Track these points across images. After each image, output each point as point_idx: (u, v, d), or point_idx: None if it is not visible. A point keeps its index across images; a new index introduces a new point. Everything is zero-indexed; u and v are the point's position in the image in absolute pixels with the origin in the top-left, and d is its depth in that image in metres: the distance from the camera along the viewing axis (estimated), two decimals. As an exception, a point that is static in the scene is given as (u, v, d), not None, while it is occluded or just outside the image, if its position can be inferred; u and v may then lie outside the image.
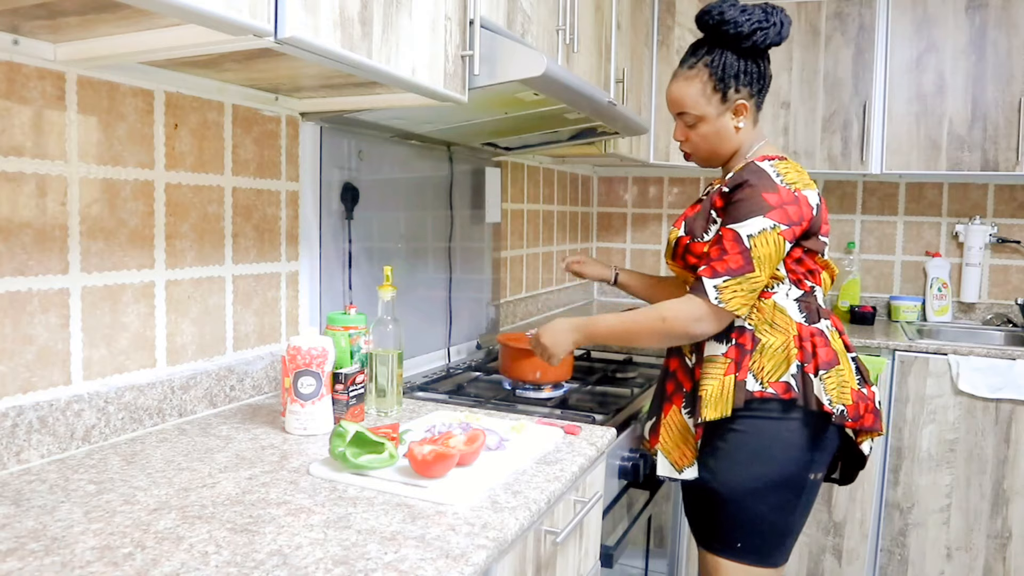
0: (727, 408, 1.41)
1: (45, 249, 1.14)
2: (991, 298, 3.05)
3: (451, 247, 2.17)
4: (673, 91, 1.51)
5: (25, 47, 1.08)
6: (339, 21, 1.05)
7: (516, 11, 1.61)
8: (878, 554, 2.63)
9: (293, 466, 1.16)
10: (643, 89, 2.74)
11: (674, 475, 1.50)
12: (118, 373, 1.27)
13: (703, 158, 1.55)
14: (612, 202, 3.59)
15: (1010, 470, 2.47)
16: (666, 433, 1.51)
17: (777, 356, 1.42)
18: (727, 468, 1.45)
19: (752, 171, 1.41)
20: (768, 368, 1.42)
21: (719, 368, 1.43)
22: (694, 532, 1.59)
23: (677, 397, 1.51)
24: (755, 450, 1.43)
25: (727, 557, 1.48)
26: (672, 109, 1.53)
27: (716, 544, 1.50)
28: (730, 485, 1.45)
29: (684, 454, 1.48)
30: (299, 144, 1.62)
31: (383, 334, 1.49)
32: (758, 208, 1.37)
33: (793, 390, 1.41)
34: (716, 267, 1.38)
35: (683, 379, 1.52)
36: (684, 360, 1.52)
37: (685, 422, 1.49)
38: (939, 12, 2.71)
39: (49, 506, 0.98)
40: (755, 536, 1.46)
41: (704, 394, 1.42)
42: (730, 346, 1.43)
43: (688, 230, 1.50)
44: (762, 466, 1.44)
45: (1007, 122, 2.64)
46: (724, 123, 1.49)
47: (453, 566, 0.85)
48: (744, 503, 1.45)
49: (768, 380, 1.41)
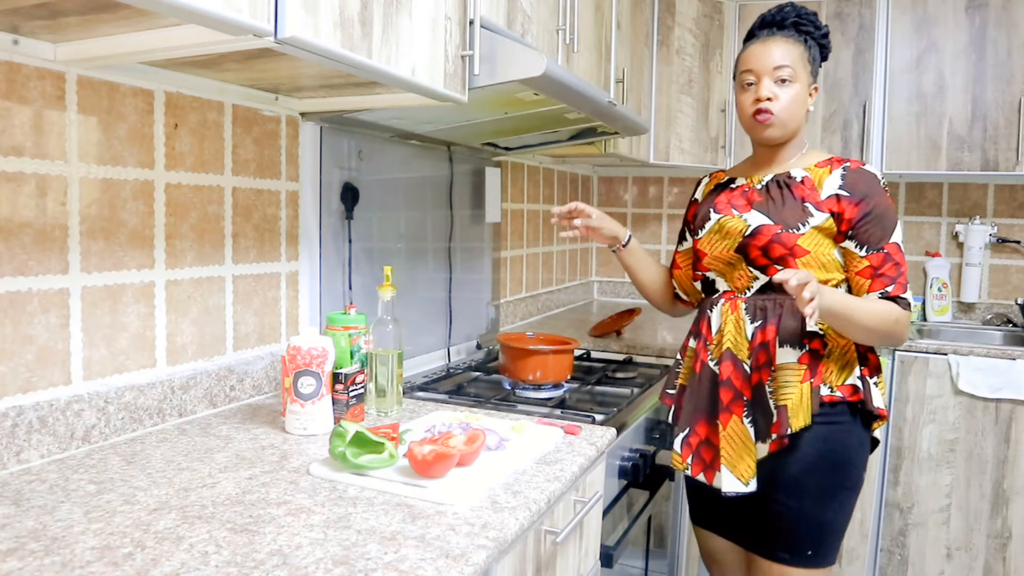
0: (808, 416, 1.39)
1: (45, 249, 1.14)
2: (991, 298, 3.05)
3: (451, 247, 2.17)
4: (775, 49, 1.47)
5: (25, 47, 1.08)
6: (339, 21, 1.05)
7: (516, 11, 1.61)
8: (878, 554, 2.63)
9: (293, 466, 1.16)
10: (643, 89, 2.74)
11: (742, 489, 1.42)
12: (118, 373, 1.27)
13: (782, 121, 1.47)
14: (612, 202, 3.59)
15: (1010, 470, 2.47)
16: (728, 445, 1.43)
17: (841, 360, 1.44)
18: (802, 477, 1.43)
19: (870, 177, 1.44)
20: (835, 372, 1.43)
21: (795, 375, 1.40)
22: (750, 543, 1.54)
23: (737, 406, 1.44)
24: (829, 456, 1.43)
25: (796, 565, 1.45)
26: (768, 64, 1.46)
27: (783, 554, 1.46)
28: (805, 494, 1.43)
29: (748, 466, 1.42)
30: (299, 144, 1.62)
31: (383, 334, 1.49)
32: (894, 217, 1.44)
33: (860, 392, 1.43)
34: (902, 282, 1.42)
35: (742, 387, 1.44)
36: (741, 366, 1.45)
37: (747, 431, 1.42)
38: (939, 12, 2.71)
39: (49, 506, 0.98)
40: (825, 541, 1.45)
41: (789, 403, 1.39)
42: (803, 352, 1.42)
43: (779, 220, 1.44)
44: (836, 473, 1.44)
45: (1007, 122, 2.64)
46: (805, 96, 1.50)
47: (453, 566, 0.85)
48: (817, 511, 1.44)
49: (835, 384, 1.42)
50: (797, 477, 1.43)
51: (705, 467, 1.49)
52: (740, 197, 1.53)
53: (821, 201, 1.44)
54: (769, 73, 1.46)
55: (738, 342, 1.47)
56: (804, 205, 1.44)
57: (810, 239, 1.43)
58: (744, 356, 1.46)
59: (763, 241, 1.44)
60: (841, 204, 1.42)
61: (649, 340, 2.43)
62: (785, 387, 1.41)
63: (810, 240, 1.43)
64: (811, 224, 1.43)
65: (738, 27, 2.96)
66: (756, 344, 1.45)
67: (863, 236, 1.42)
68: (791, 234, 1.42)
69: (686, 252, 1.67)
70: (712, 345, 1.51)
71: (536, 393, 1.73)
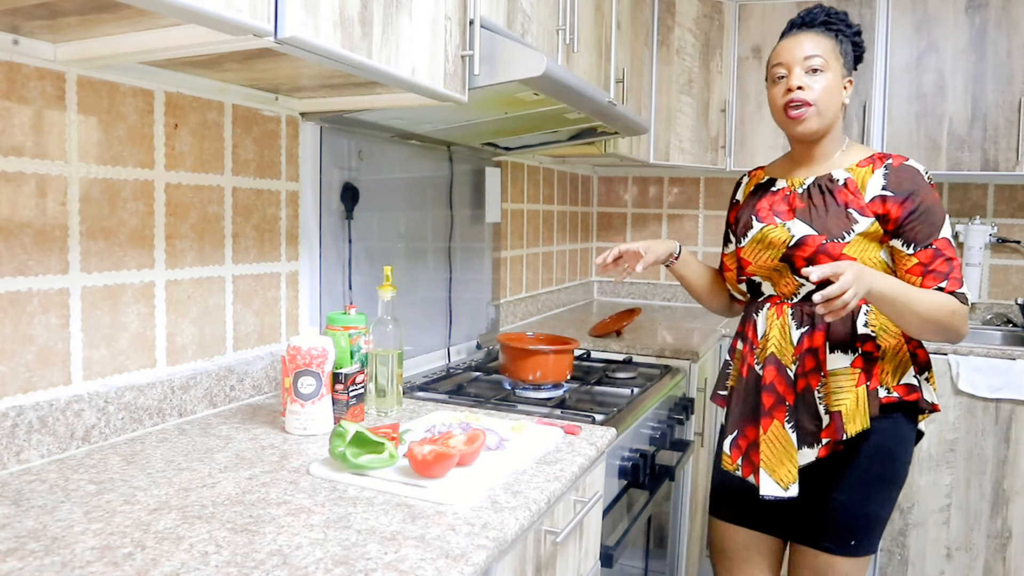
0: (866, 420, 1.40)
1: (45, 249, 1.14)
2: (991, 298, 3.05)
3: (451, 247, 2.17)
4: (805, 41, 1.45)
5: (25, 47, 1.08)
6: (339, 21, 1.05)
7: (516, 11, 1.61)
8: (878, 554, 2.63)
9: (293, 466, 1.16)
10: (643, 89, 2.74)
11: (780, 494, 1.43)
12: (118, 373, 1.27)
13: (817, 111, 1.45)
14: (612, 202, 3.59)
15: (1010, 470, 2.48)
16: (768, 450, 1.44)
17: (895, 360, 1.44)
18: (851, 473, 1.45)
19: (914, 172, 1.42)
20: (890, 372, 1.44)
21: (849, 380, 1.41)
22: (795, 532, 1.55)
23: (778, 411, 1.45)
24: (879, 452, 1.44)
25: (841, 555, 1.48)
26: (798, 55, 1.45)
27: (828, 544, 1.49)
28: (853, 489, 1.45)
29: (789, 470, 1.43)
30: (299, 144, 1.62)
31: (383, 334, 1.49)
32: (942, 213, 1.42)
33: (918, 390, 1.44)
34: (956, 276, 1.39)
35: (785, 392, 1.45)
36: (785, 371, 1.46)
37: (788, 437, 1.43)
38: (939, 12, 2.71)
39: (49, 506, 0.98)
40: (870, 532, 1.49)
41: (844, 410, 1.40)
42: (856, 356, 1.42)
43: (823, 230, 1.43)
44: (885, 467, 1.46)
45: (1007, 122, 2.64)
46: (839, 87, 1.47)
47: (453, 566, 0.85)
48: (865, 504, 1.47)
49: (892, 384, 1.44)
50: (846, 473, 1.46)
51: (754, 470, 1.50)
52: (782, 203, 1.52)
53: (865, 205, 1.42)
54: (800, 63, 1.44)
55: (783, 347, 1.47)
56: (848, 211, 1.43)
57: (855, 246, 1.42)
58: (788, 361, 1.46)
59: (808, 252, 1.44)
60: (887, 205, 1.41)
61: (649, 340, 2.43)
62: (838, 392, 1.41)
63: (856, 247, 1.43)
64: (856, 231, 1.42)
65: (738, 27, 2.96)
66: (803, 349, 1.45)
67: (911, 234, 1.40)
68: (836, 244, 1.41)
69: (732, 255, 1.64)
70: (757, 349, 1.52)
71: (536, 393, 1.73)
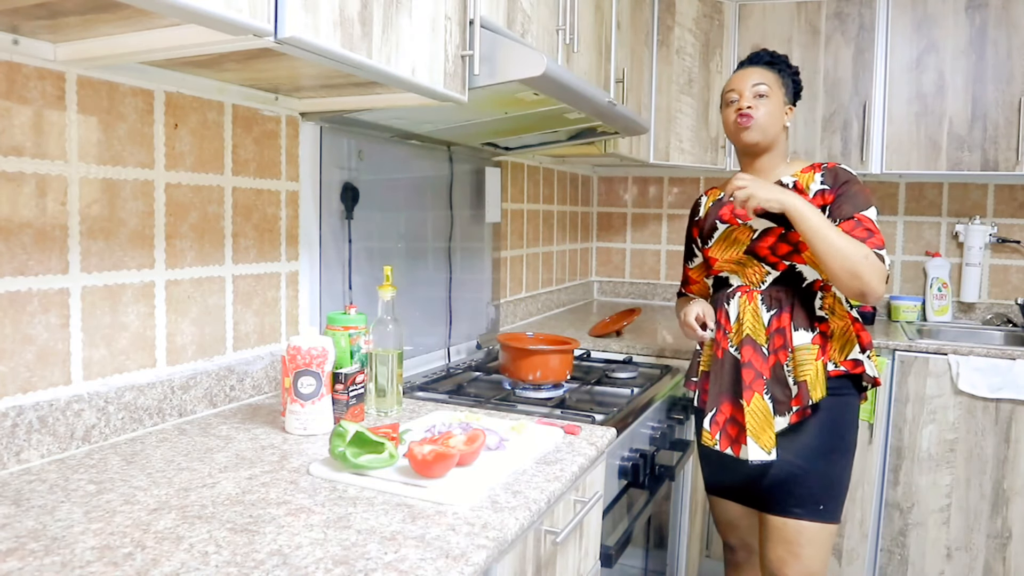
0: (824, 389, 1.62)
1: (45, 249, 1.14)
2: (991, 298, 3.05)
3: (451, 247, 2.17)
4: (752, 72, 1.73)
5: (25, 47, 1.08)
6: (339, 21, 1.05)
7: (516, 11, 1.61)
8: (878, 554, 2.63)
9: (293, 466, 1.16)
10: (643, 89, 2.74)
11: (765, 457, 1.60)
12: (118, 373, 1.27)
13: (761, 126, 1.69)
14: (612, 202, 3.59)
15: (1010, 470, 2.47)
16: (752, 420, 1.62)
17: (843, 339, 1.66)
18: (812, 441, 1.65)
19: (846, 171, 1.66)
20: (838, 350, 1.66)
21: (811, 355, 1.62)
22: (767, 504, 1.71)
23: (758, 384, 1.63)
24: (834, 422, 1.66)
25: (810, 519, 1.66)
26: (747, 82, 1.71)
27: (798, 509, 1.66)
28: (815, 455, 1.64)
29: (770, 437, 1.61)
30: (299, 144, 1.62)
31: (383, 334, 1.49)
32: (868, 200, 1.61)
33: (862, 365, 1.66)
34: (876, 242, 1.55)
35: (761, 367, 1.63)
36: (761, 350, 1.65)
37: (767, 407, 1.62)
38: (939, 12, 2.71)
39: (49, 506, 0.98)
40: (833, 496, 1.67)
41: (808, 379, 1.61)
42: (815, 335, 1.64)
43: (779, 223, 1.64)
44: (840, 435, 1.68)
45: (1007, 122, 2.64)
46: (781, 112, 1.73)
47: (453, 566, 0.85)
48: (826, 469, 1.66)
49: (839, 360, 1.65)
50: (807, 441, 1.65)
51: (732, 441, 1.66)
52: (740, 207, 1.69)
53: (810, 200, 1.63)
54: (748, 88, 1.71)
55: (756, 329, 1.66)
56: None
57: None
58: (762, 341, 1.65)
59: (771, 241, 1.66)
60: (824, 196, 1.64)
61: (649, 340, 2.43)
62: (803, 365, 1.63)
63: None
64: None
65: (738, 27, 2.96)
66: (772, 329, 1.65)
67: (836, 211, 1.62)
68: (794, 232, 1.61)
69: (698, 267, 1.90)
70: (731, 333, 1.70)
71: (536, 393, 1.73)
